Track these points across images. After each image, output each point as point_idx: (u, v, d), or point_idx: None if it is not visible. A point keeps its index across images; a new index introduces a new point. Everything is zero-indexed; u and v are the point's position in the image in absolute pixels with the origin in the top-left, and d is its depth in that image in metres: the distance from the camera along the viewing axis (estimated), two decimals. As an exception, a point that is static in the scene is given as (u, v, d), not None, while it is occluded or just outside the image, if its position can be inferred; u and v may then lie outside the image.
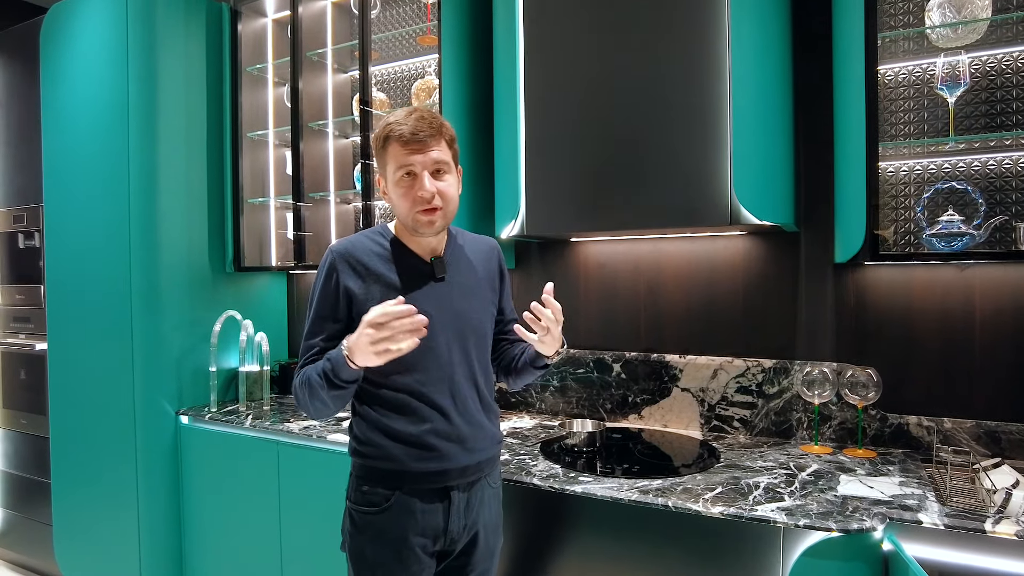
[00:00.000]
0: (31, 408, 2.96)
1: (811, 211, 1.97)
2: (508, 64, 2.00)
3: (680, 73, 1.73)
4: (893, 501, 1.45)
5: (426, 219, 1.34)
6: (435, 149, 1.33)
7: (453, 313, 1.41)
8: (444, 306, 1.40)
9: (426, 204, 1.32)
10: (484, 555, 1.47)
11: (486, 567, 1.48)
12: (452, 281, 1.43)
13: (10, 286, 3.08)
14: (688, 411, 2.13)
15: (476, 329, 1.45)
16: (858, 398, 1.81)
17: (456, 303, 1.42)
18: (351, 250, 1.39)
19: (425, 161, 1.32)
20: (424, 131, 1.31)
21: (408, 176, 1.33)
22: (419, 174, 1.32)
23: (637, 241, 2.23)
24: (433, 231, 1.37)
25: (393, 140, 1.32)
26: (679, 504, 1.48)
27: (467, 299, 1.44)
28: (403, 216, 1.37)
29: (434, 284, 1.41)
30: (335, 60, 2.64)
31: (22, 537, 3.05)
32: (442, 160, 1.34)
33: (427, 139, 1.31)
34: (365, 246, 1.41)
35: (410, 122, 1.31)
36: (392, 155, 1.33)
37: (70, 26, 2.64)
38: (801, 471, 1.68)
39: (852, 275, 1.93)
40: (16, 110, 3.02)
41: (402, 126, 1.31)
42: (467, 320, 1.43)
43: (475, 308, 1.46)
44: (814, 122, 1.95)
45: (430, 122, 1.32)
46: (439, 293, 1.41)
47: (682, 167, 1.74)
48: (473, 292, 1.46)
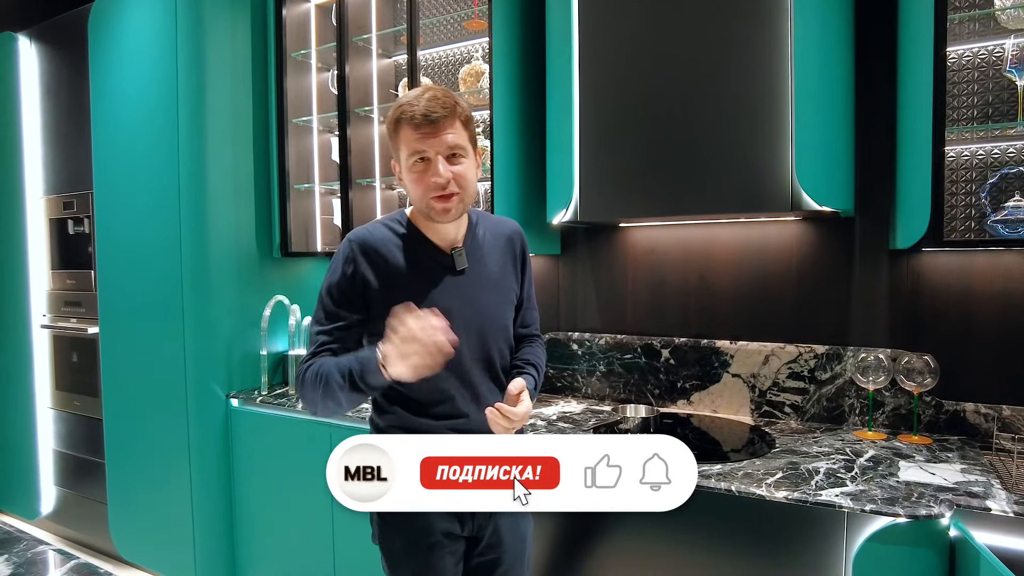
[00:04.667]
0: (84, 390, 3.05)
1: (866, 197, 1.95)
2: (562, 48, 1.99)
3: (741, 56, 1.72)
4: (958, 488, 1.45)
5: (441, 206, 1.27)
6: (449, 132, 1.25)
7: (474, 308, 1.36)
8: (464, 301, 1.34)
9: (441, 190, 1.25)
10: (513, 541, 1.43)
11: (518, 551, 1.45)
12: (472, 273, 1.37)
13: (61, 271, 3.15)
14: (738, 397, 2.14)
15: (497, 323, 1.40)
16: (914, 384, 1.80)
17: (477, 297, 1.37)
18: (369, 239, 1.34)
19: (439, 145, 1.24)
20: (437, 112, 1.23)
21: (421, 161, 1.26)
22: (433, 159, 1.25)
23: (687, 226, 2.22)
24: (449, 218, 1.30)
25: (405, 123, 1.25)
26: (742, 488, 1.49)
27: (488, 292, 1.39)
28: (418, 202, 1.30)
29: (454, 277, 1.35)
30: (379, 46, 2.64)
31: (77, 515, 3.16)
32: (457, 144, 1.26)
33: (440, 120, 1.23)
34: (383, 235, 1.35)
35: (422, 103, 1.23)
36: (404, 139, 1.26)
37: (118, 15, 2.67)
38: (859, 456, 1.69)
39: (908, 261, 1.91)
40: (65, 98, 3.07)
41: (414, 107, 1.23)
42: (488, 314, 1.38)
43: (496, 301, 1.41)
44: (872, 107, 1.92)
45: (443, 102, 1.24)
46: (459, 287, 1.35)
47: (742, 151, 1.73)
48: (495, 284, 1.41)
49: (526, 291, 1.51)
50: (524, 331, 1.53)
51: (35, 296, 3.23)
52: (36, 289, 3.23)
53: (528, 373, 1.42)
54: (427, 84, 1.29)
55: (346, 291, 1.32)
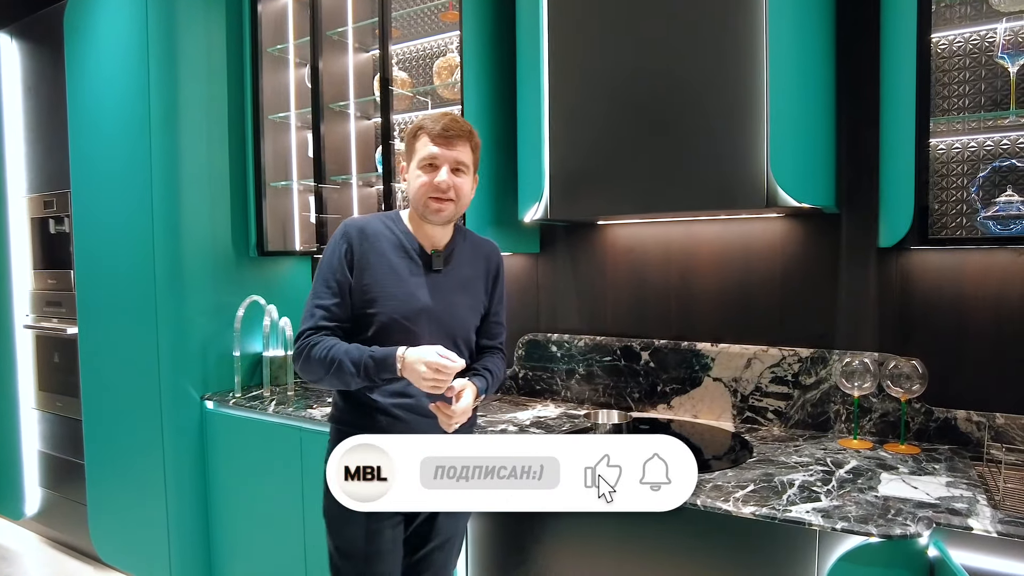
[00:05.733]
0: (65, 391, 3.02)
1: (853, 192, 1.85)
2: (531, 38, 1.91)
3: (714, 46, 1.63)
4: (940, 504, 1.35)
5: (436, 206, 1.46)
6: (460, 150, 1.46)
7: (442, 303, 1.52)
8: (434, 295, 1.51)
9: (441, 193, 1.45)
10: (446, 523, 1.58)
11: (450, 534, 1.60)
12: (447, 275, 1.54)
13: (42, 271, 3.13)
14: (720, 402, 2.05)
15: (461, 322, 1.56)
16: (902, 391, 1.70)
17: (446, 295, 1.53)
18: (365, 228, 1.51)
19: (448, 157, 1.45)
20: (454, 131, 1.44)
21: (430, 166, 1.45)
22: (441, 166, 1.45)
23: (668, 224, 2.13)
24: (441, 219, 1.48)
25: (424, 132, 1.45)
26: (708, 503, 1.41)
27: (458, 294, 1.55)
28: (416, 200, 1.48)
29: (431, 275, 1.52)
30: (356, 39, 2.57)
31: (60, 516, 3.14)
32: (464, 161, 1.47)
33: (455, 138, 1.45)
34: (377, 228, 1.52)
35: (444, 120, 1.45)
36: (421, 145, 1.46)
37: (93, 10, 2.62)
38: (839, 468, 1.59)
39: (897, 260, 1.81)
40: (44, 96, 3.04)
41: (436, 123, 1.45)
42: (454, 312, 1.54)
43: (463, 303, 1.56)
44: (858, 99, 1.82)
45: (461, 125, 1.47)
46: (434, 283, 1.52)
47: (716, 147, 1.64)
48: (466, 288, 1.57)
49: (494, 306, 1.66)
50: (488, 343, 1.67)
51: (18, 296, 3.21)
52: (19, 289, 3.21)
53: (481, 375, 1.56)
54: (448, 111, 1.57)
55: (342, 267, 1.48)
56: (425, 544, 1.57)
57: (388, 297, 1.47)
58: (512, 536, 1.72)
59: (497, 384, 1.63)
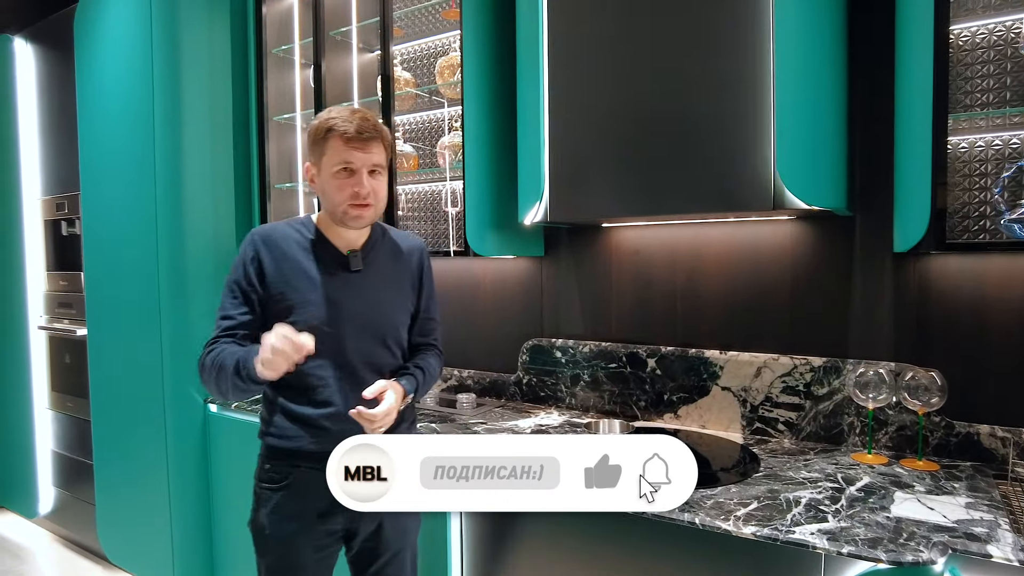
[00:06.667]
0: (75, 391, 3.04)
1: (868, 194, 1.76)
2: (531, 35, 1.85)
3: (717, 40, 1.55)
4: (957, 528, 1.26)
5: (356, 213, 1.40)
6: (375, 151, 1.40)
7: (363, 304, 1.47)
8: (354, 296, 1.46)
9: (360, 200, 1.39)
10: (394, 534, 1.52)
11: (399, 547, 1.53)
12: (367, 274, 1.49)
13: (55, 273, 3.15)
14: (728, 412, 1.97)
15: (385, 321, 1.51)
16: (919, 403, 1.61)
17: (368, 295, 1.48)
18: (272, 234, 1.46)
19: (365, 160, 1.38)
20: (368, 132, 1.38)
21: (346, 171, 1.38)
22: (358, 171, 1.38)
23: (674, 226, 2.06)
24: (360, 224, 1.44)
25: (336, 135, 1.37)
26: (707, 521, 1.34)
27: (380, 292, 1.50)
28: (334, 207, 1.41)
29: (348, 275, 1.47)
30: (360, 39, 2.54)
31: (71, 515, 3.16)
32: (379, 162, 1.41)
33: (370, 140, 1.38)
34: (286, 233, 1.47)
35: (355, 120, 1.37)
36: (333, 148, 1.38)
37: (100, 13, 2.63)
38: (850, 485, 1.51)
39: (915, 265, 1.71)
40: (58, 99, 3.07)
41: (347, 123, 1.37)
42: (377, 311, 1.49)
43: (387, 301, 1.51)
44: (872, 94, 1.73)
45: (374, 124, 1.40)
46: (352, 284, 1.47)
47: (719, 146, 1.57)
48: (387, 286, 1.52)
49: (424, 302, 1.61)
50: (421, 339, 1.62)
51: (32, 297, 3.24)
52: (33, 290, 3.24)
53: (410, 375, 1.52)
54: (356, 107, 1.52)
55: (248, 278, 1.42)
56: (375, 559, 1.52)
57: (306, 303, 1.41)
58: (507, 545, 1.66)
59: (432, 382, 1.60)
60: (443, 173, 2.26)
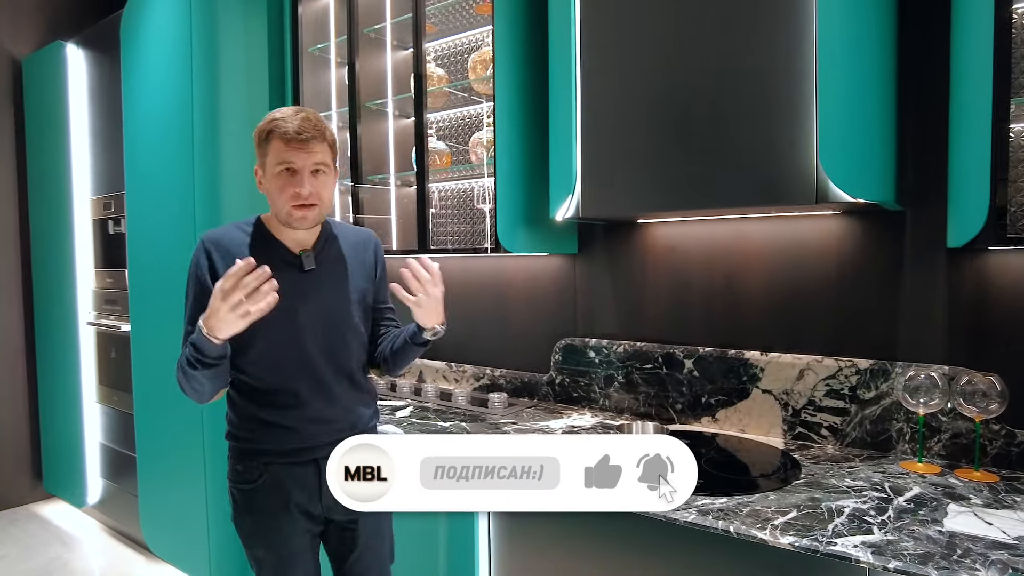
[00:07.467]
0: (120, 386, 3.13)
1: (919, 187, 1.66)
2: (563, 23, 1.81)
3: (758, 25, 1.48)
4: (1019, 545, 1.17)
5: (300, 214, 1.39)
6: (316, 150, 1.38)
7: (319, 304, 1.46)
8: (310, 297, 1.46)
9: (303, 200, 1.38)
10: (369, 528, 1.54)
11: (375, 541, 1.56)
12: (320, 272, 1.48)
13: (102, 270, 3.25)
14: (769, 416, 1.88)
15: (343, 319, 1.50)
16: (976, 410, 1.50)
17: (323, 293, 1.47)
18: (221, 239, 1.45)
19: (306, 160, 1.37)
20: (308, 132, 1.36)
21: (287, 172, 1.38)
22: (300, 171, 1.37)
23: (713, 222, 1.98)
24: (305, 225, 1.43)
25: (276, 136, 1.36)
26: (742, 530, 1.27)
27: (335, 290, 1.50)
28: (278, 209, 1.41)
29: (301, 275, 1.46)
30: (394, 36, 2.53)
31: (117, 506, 3.25)
32: (322, 161, 1.40)
33: (310, 140, 1.36)
34: (235, 236, 1.46)
35: (296, 121, 1.36)
36: (274, 150, 1.38)
37: (145, 17, 2.69)
38: (898, 495, 1.42)
39: (971, 262, 1.60)
40: (107, 102, 3.16)
41: (287, 124, 1.36)
42: (333, 310, 1.49)
43: (343, 298, 1.51)
44: (924, 79, 1.63)
45: (315, 124, 1.39)
46: (306, 284, 1.46)
47: (760, 137, 1.50)
48: (342, 283, 1.51)
49: (383, 294, 1.62)
50: (383, 328, 1.63)
51: (82, 294, 3.35)
52: (83, 287, 3.35)
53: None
54: (300, 107, 1.45)
55: (204, 288, 1.39)
56: (353, 549, 1.54)
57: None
58: (529, 544, 1.62)
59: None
60: (477, 169, 2.23)
